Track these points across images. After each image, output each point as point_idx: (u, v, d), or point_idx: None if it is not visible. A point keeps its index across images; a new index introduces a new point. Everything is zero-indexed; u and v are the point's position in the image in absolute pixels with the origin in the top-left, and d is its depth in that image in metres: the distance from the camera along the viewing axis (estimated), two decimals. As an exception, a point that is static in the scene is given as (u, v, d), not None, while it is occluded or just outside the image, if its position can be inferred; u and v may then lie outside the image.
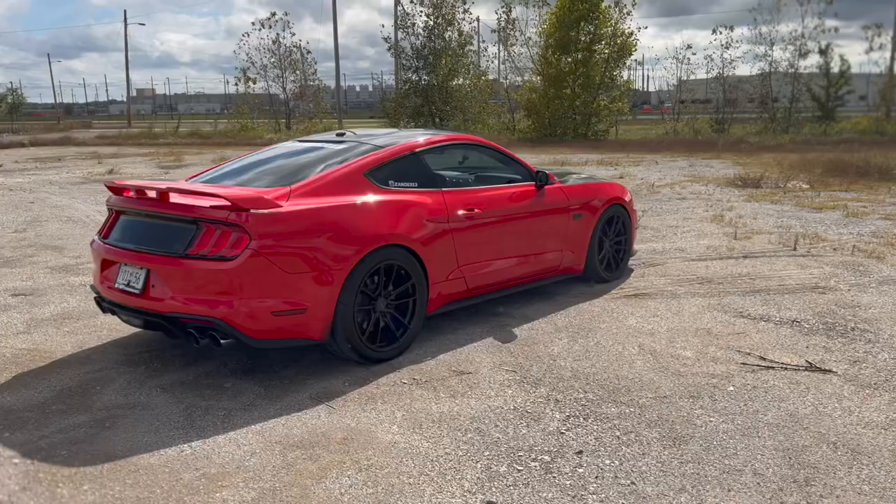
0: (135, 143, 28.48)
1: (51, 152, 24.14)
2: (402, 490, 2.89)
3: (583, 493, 2.87)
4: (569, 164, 17.64)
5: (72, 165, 18.76)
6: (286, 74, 36.16)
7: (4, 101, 43.81)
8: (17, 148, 26.75)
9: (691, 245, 7.59)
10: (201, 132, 34.27)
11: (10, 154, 23.85)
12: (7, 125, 42.73)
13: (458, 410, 3.64)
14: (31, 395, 3.88)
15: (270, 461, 3.13)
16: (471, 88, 34.63)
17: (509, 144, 24.98)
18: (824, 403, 3.68)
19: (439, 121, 34.41)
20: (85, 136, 34.81)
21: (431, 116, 34.65)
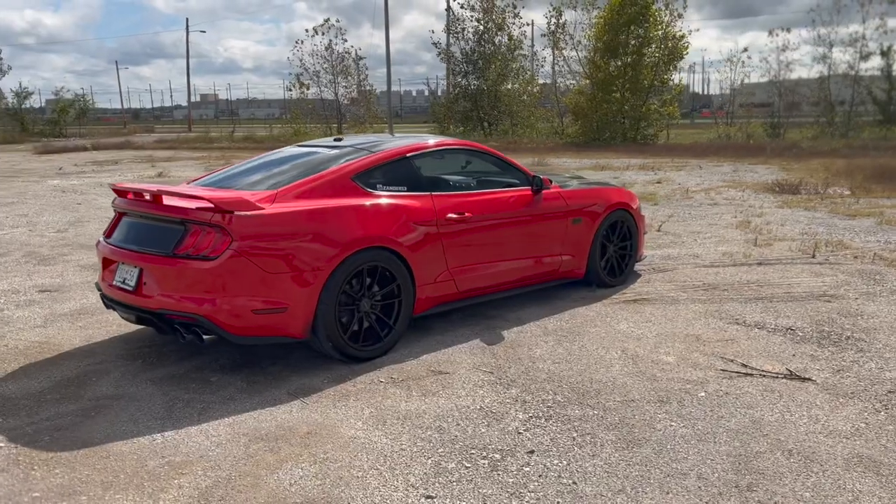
0: (190, 147, 29.36)
1: (109, 156, 25.10)
2: (348, 483, 3.01)
3: (522, 490, 2.94)
4: (609, 168, 17.53)
5: (126, 169, 19.49)
6: (338, 80, 36.76)
7: (73, 107, 45.48)
8: (80, 151, 27.88)
9: (707, 251, 7.52)
10: (255, 137, 35.12)
11: (73, 157, 24.89)
12: (75, 130, 44.51)
13: (425, 409, 3.74)
14: (30, 384, 4.13)
15: (233, 452, 3.29)
16: (520, 93, 34.66)
17: (555, 149, 24.94)
18: (792, 411, 3.66)
19: (488, 125, 34.55)
20: (145, 140, 36.05)
21: (480, 121, 34.80)
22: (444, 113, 36.51)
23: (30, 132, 42.67)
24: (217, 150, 28.50)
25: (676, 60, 29.15)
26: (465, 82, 35.77)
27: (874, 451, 3.22)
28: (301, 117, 36.82)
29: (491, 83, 34.70)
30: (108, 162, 22.02)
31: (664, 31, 28.42)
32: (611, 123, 29.04)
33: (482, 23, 35.26)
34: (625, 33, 28.19)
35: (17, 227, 9.78)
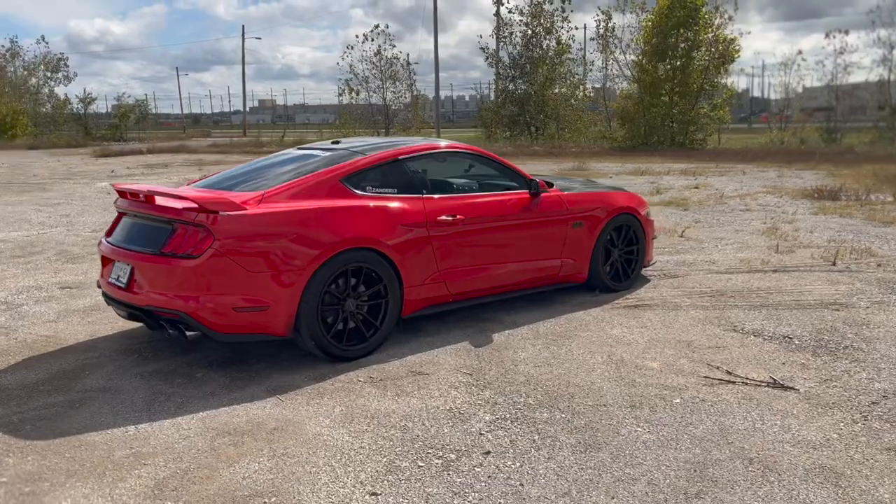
0: (241, 151, 30.02)
1: (162, 159, 25.85)
2: (300, 478, 3.07)
3: (467, 490, 2.96)
4: (649, 173, 17.30)
5: (174, 171, 20.04)
6: (386, 85, 37.13)
7: (133, 112, 47.01)
8: (136, 155, 28.78)
9: (725, 257, 7.38)
10: (304, 141, 35.66)
11: (127, 160, 25.72)
12: (135, 134, 45.96)
13: (395, 409, 3.78)
14: (27, 376, 4.32)
15: (198, 445, 3.39)
16: (567, 97, 34.47)
17: (600, 153, 24.71)
18: (765, 420, 3.58)
19: (535, 130, 34.43)
20: (199, 144, 37.00)
21: (527, 125, 34.72)
22: (492, 118, 36.56)
23: (93, 136, 44.21)
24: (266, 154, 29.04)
25: (727, 64, 28.59)
26: (512, 87, 35.77)
27: (838, 463, 3.13)
28: (350, 122, 37.27)
29: (538, 87, 34.60)
30: (159, 165, 22.68)
31: (714, 33, 27.92)
32: (658, 128, 28.65)
33: (530, 27, 35.23)
34: (673, 36, 27.79)
35: (56, 226, 10.18)
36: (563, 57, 34.93)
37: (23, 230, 9.84)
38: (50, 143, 37.94)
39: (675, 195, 12.67)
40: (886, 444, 3.30)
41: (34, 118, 45.77)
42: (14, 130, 42.50)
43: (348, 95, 37.77)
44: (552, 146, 29.15)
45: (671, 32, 27.66)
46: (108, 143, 39.72)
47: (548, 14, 34.91)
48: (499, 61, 35.98)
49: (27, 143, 38.59)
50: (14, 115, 42.94)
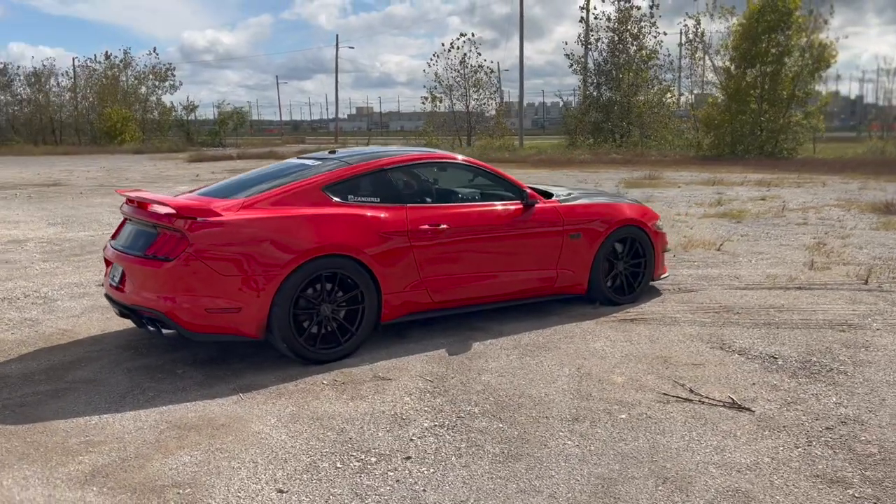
0: (323, 158, 30.90)
1: (249, 164, 26.94)
2: (220, 472, 3.24)
3: (370, 493, 3.06)
4: (722, 183, 16.79)
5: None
6: (469, 93, 37.41)
7: (231, 119, 49.20)
8: (226, 160, 30.16)
9: (752, 273, 7.14)
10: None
11: (217, 165, 26.99)
12: (233, 140, 48.08)
13: (343, 411, 3.92)
14: (30, 365, 4.70)
15: (146, 437, 3.62)
16: (653, 104, 33.78)
17: (680, 162, 24.10)
18: (703, 440, 3.51)
19: (620, 137, 33.91)
20: (288, 150, 38.22)
21: (611, 132, 34.24)
22: (576, 124, 36.27)
23: (194, 142, 46.56)
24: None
25: (822, 70, 27.34)
26: (596, 93, 35.39)
27: (755, 487, 3.05)
28: (433, 130, 37.78)
29: (623, 94, 34.10)
30: (244, 171, 23.64)
31: (808, 38, 26.76)
32: (746, 136, 27.66)
33: (617, 33, 34.77)
34: (764, 41, 26.80)
35: (121, 228, 10.85)
36: (650, 63, 34.32)
37: (90, 230, 10.54)
38: (154, 148, 40.21)
39: (735, 206, 12.27)
40: (816, 472, 3.18)
41: (142, 124, 48.63)
42: (123, 136, 45.31)
43: (431, 103, 38.30)
44: (633, 154, 28.66)
45: (761, 37, 26.69)
46: (206, 148, 41.74)
47: (635, 20, 34.40)
48: (583, 67, 35.68)
49: (133, 147, 41.05)
50: (124, 122, 45.77)
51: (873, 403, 3.91)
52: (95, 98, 50.70)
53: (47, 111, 53.34)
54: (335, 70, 57.18)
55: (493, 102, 38.56)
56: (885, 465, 3.23)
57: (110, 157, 35.12)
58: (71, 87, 53.76)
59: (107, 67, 50.53)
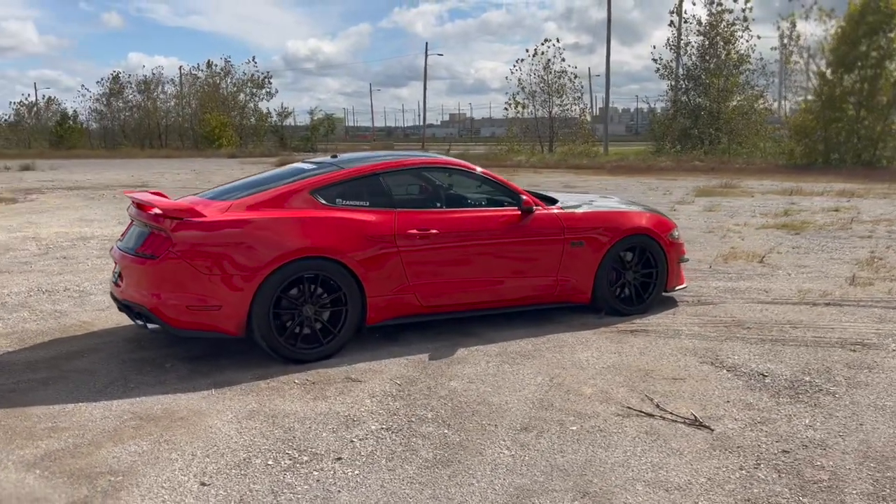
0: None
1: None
2: (157, 463, 3.37)
3: (286, 491, 3.11)
4: (799, 193, 16.04)
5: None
6: (552, 99, 37.11)
7: (322, 125, 50.62)
8: (309, 165, 30.99)
9: (784, 287, 6.81)
10: (466, 155, 36.52)
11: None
12: (324, 146, 49.45)
13: (299, 410, 4.00)
14: (38, 354, 5.00)
15: (107, 426, 3.80)
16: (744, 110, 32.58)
17: (766, 170, 23.13)
18: (644, 457, 3.40)
19: (708, 143, 32.88)
20: (371, 155, 39.02)
21: (700, 139, 33.24)
22: (664, 131, 35.42)
23: (287, 147, 48.17)
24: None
25: (929, 73, 25.63)
26: (685, 99, 34.46)
27: (674, 508, 2.93)
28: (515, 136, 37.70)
29: (712, 100, 33.05)
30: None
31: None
32: (840, 144, 26.26)
33: (708, 38, 33.76)
34: (864, 44, 25.38)
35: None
36: (742, 68, 33.13)
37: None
38: (247, 153, 41.83)
39: (801, 218, 11.70)
40: (749, 496, 3.02)
41: (239, 130, 50.69)
42: (221, 140, 47.33)
43: (514, 109, 38.22)
44: (719, 161, 27.73)
45: (861, 40, 25.28)
46: (297, 153, 43.07)
47: (727, 23, 33.31)
48: (671, 72, 34.81)
49: (229, 152, 42.82)
50: (222, 127, 47.84)
51: (848, 428, 3.68)
52: (198, 104, 53.23)
53: (155, 117, 56.41)
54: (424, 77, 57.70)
55: (577, 108, 38.08)
56: (828, 492, 3.04)
57: (205, 160, 36.76)
58: (176, 94, 56.69)
59: (208, 75, 53.01)
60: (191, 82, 55.03)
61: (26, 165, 28.79)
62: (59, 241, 9.99)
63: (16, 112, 61.61)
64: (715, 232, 10.37)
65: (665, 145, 34.20)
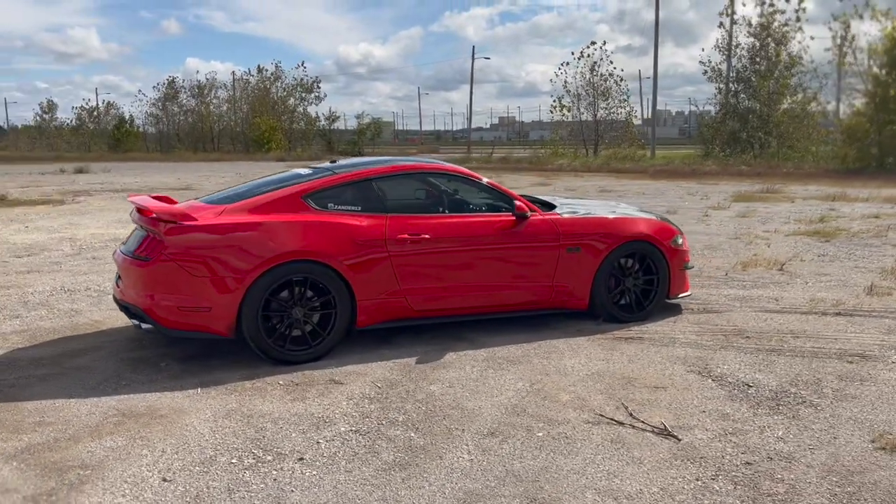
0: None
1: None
2: (126, 458, 3.48)
3: (241, 488, 3.19)
4: (842, 199, 15.61)
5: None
6: (597, 102, 36.80)
7: (368, 129, 51.15)
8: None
9: (797, 296, 6.66)
10: (509, 159, 36.52)
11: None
12: (370, 149, 49.95)
13: (275, 410, 4.08)
14: (43, 351, 5.20)
15: (90, 421, 3.94)
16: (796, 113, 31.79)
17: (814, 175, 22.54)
18: (603, 465, 3.38)
19: (759, 147, 32.20)
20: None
21: (749, 142, 32.57)
22: (712, 134, 34.81)
23: (334, 151, 48.79)
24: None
25: None
26: (734, 101, 33.80)
27: (618, 517, 2.92)
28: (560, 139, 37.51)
29: (762, 103, 32.34)
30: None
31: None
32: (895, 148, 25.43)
33: (759, 39, 33.09)
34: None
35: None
36: (794, 69, 32.35)
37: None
38: (295, 157, 42.49)
39: (836, 224, 11.40)
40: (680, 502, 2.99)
41: (288, 134, 51.56)
42: (270, 144, 48.22)
43: (559, 112, 38.03)
44: (767, 165, 27.13)
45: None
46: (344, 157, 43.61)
47: (779, 24, 32.60)
48: (720, 75, 34.20)
49: (277, 155, 43.61)
50: (271, 131, 48.74)
51: (820, 441, 3.60)
52: (249, 108, 54.35)
53: (208, 121, 57.77)
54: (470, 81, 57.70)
55: (623, 111, 37.68)
56: (780, 506, 2.99)
57: (254, 163, 37.51)
58: (229, 98, 57.99)
59: (259, 80, 54.06)
60: (242, 87, 56.24)
61: (80, 168, 29.82)
62: (93, 242, 10.35)
63: (77, 116, 63.85)
64: (741, 238, 10.17)
65: (713, 149, 33.60)
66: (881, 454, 3.44)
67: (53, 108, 65.63)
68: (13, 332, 5.71)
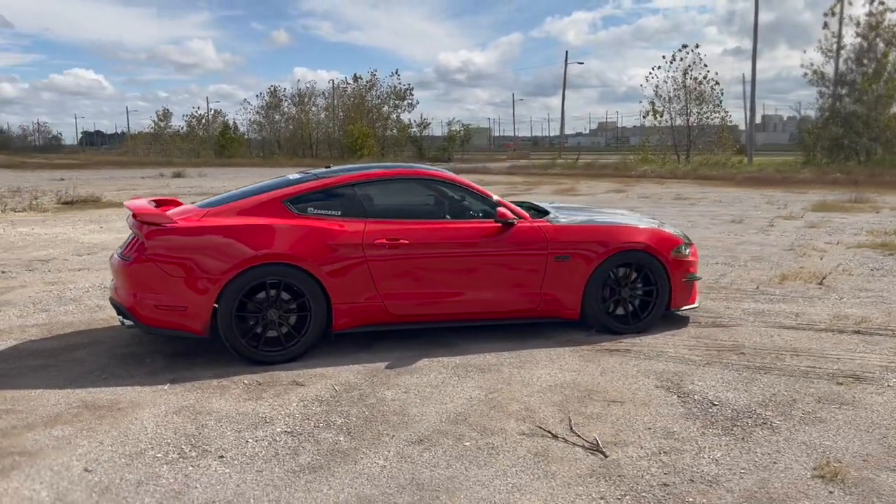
0: (525, 173, 31.30)
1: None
2: (66, 447, 3.66)
3: (149, 483, 3.28)
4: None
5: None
6: (690, 107, 35.67)
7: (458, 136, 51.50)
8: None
9: (821, 312, 6.26)
10: (594, 165, 35.88)
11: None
12: (459, 155, 50.34)
13: (226, 408, 4.19)
14: (53, 343, 5.50)
15: (54, 411, 4.15)
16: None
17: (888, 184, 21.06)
18: (512, 478, 3.30)
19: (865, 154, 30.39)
20: (499, 166, 39.21)
21: (852, 148, 30.78)
22: (813, 140, 33.09)
23: (425, 157, 49.42)
24: (541, 175, 29.93)
25: None
26: (837, 105, 32.01)
27: (496, 532, 2.85)
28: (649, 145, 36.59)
29: (868, 107, 30.48)
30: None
31: None
32: None
33: (867, 39, 31.26)
34: None
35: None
36: (905, 71, 30.36)
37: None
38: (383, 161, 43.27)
39: (908, 237, 10.62)
40: (584, 527, 2.87)
41: (381, 140, 52.58)
42: (362, 151, 49.30)
43: (652, 118, 37.10)
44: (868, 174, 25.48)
45: None
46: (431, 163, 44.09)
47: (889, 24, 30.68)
48: (822, 77, 32.48)
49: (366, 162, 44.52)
50: (363, 138, 49.82)
51: (756, 466, 3.38)
52: (344, 116, 55.81)
53: (307, 128, 59.68)
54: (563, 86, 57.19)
55: (718, 116, 36.36)
56: (674, 531, 2.83)
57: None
58: (327, 106, 59.72)
59: (355, 88, 55.42)
60: (340, 95, 57.80)
61: (178, 173, 31.43)
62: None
63: (188, 124, 67.40)
64: (796, 250, 9.64)
65: (814, 156, 31.93)
66: (816, 483, 3.20)
67: (168, 116, 69.69)
68: (35, 325, 6.09)
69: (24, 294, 7.25)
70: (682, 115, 36.72)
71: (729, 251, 9.59)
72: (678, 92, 36.33)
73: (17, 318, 6.30)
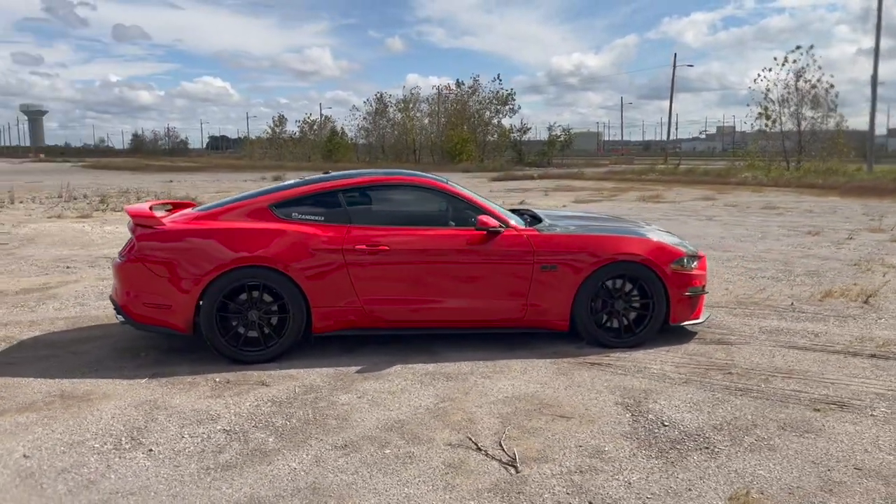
0: (620, 179, 30.57)
1: (531, 185, 27.87)
2: (23, 432, 3.91)
3: (74, 469, 3.47)
4: None
5: (516, 197, 21.62)
6: (802, 111, 33.86)
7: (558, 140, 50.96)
8: (526, 180, 31.48)
9: (846, 332, 5.83)
10: (695, 171, 34.62)
11: (510, 185, 28.36)
12: (559, 160, 49.81)
13: (183, 405, 4.35)
14: (68, 336, 5.86)
15: (29, 398, 4.44)
16: None
17: None
18: (409, 487, 3.28)
19: None
20: (594, 172, 38.42)
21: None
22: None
23: (523, 162, 49.24)
24: (634, 181, 29.14)
25: None
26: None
27: (359, 541, 2.84)
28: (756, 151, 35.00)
29: None
30: (517, 190, 24.63)
31: None
32: None
33: None
34: None
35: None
36: None
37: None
38: (479, 167, 43.43)
39: None
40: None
41: (481, 145, 52.78)
42: (461, 156, 49.66)
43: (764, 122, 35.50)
44: None
45: None
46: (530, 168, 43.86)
47: None
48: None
49: (464, 167, 44.78)
50: (463, 143, 50.17)
51: (668, 492, 3.21)
52: (446, 121, 56.42)
53: (411, 133, 60.73)
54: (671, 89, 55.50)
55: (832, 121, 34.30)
56: (538, 555, 2.73)
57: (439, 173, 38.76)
58: (430, 111, 60.56)
59: (457, 94, 55.91)
60: (443, 100, 58.45)
61: (278, 176, 32.66)
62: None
63: (300, 129, 70.08)
64: (860, 265, 8.99)
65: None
66: (720, 514, 3.00)
67: (283, 122, 72.82)
68: (66, 317, 6.52)
69: (73, 289, 7.77)
70: (792, 119, 34.88)
71: (786, 265, 9.06)
72: (790, 95, 34.53)
73: (53, 311, 6.76)
